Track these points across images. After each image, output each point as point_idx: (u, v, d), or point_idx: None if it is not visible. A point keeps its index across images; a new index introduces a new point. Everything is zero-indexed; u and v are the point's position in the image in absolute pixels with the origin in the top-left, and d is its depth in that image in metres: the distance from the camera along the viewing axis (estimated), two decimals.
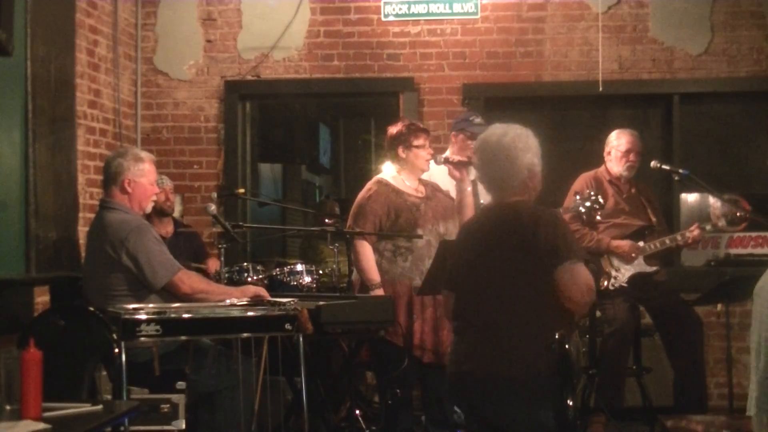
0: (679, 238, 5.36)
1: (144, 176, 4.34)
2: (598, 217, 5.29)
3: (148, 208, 4.45)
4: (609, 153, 5.54)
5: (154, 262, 4.14)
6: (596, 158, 5.90)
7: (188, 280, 4.20)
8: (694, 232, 5.33)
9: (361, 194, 4.96)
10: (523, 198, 3.33)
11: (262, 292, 4.26)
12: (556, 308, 3.21)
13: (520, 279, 3.19)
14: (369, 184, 4.98)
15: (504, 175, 3.31)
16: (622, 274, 5.31)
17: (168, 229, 5.74)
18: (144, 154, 4.44)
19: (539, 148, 3.39)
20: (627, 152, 5.46)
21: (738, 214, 5.32)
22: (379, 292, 4.75)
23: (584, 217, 5.27)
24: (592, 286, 3.24)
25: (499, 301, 3.22)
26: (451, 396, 3.41)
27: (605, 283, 5.28)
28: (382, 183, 4.95)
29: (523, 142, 3.34)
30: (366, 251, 4.81)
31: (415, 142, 4.91)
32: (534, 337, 3.18)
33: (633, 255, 5.29)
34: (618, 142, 5.50)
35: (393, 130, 4.98)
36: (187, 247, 5.74)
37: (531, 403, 3.19)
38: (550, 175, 6.55)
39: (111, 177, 4.33)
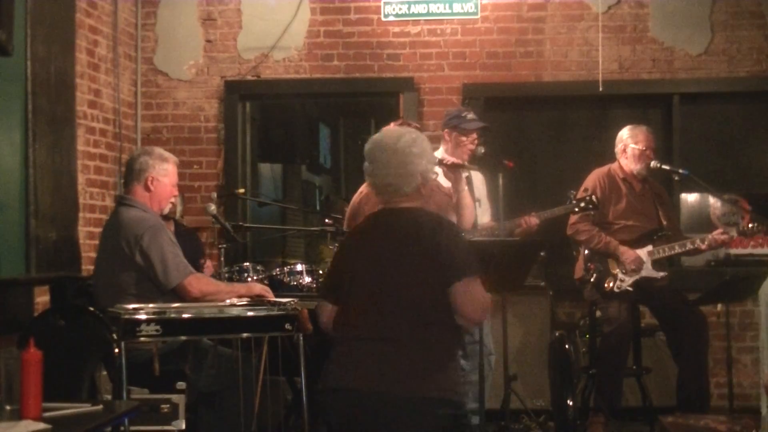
0: (689, 245, 5.33)
1: (167, 176, 4.37)
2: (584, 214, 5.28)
3: (166, 209, 4.47)
4: (624, 150, 5.47)
5: (167, 262, 4.14)
6: (596, 158, 5.90)
7: (197, 284, 4.19)
8: (715, 236, 5.29)
9: (354, 197, 4.97)
10: (416, 204, 3.18)
11: (268, 291, 4.28)
12: (452, 324, 3.05)
13: (415, 289, 3.02)
14: (361, 187, 4.99)
15: (399, 181, 3.16)
16: (628, 277, 5.29)
17: (170, 229, 5.74)
18: (168, 155, 4.45)
19: (432, 153, 3.27)
20: (645, 149, 5.42)
21: (750, 225, 5.28)
22: None
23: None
24: (488, 304, 3.08)
25: (391, 312, 3.03)
26: (330, 413, 3.15)
27: (610, 284, 5.27)
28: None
29: (418, 147, 3.18)
30: None
31: None
32: (427, 354, 2.99)
33: (633, 267, 5.28)
34: (635, 139, 5.44)
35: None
36: (188, 248, 5.73)
37: (412, 429, 2.96)
38: (550, 175, 6.65)
39: (135, 174, 4.34)
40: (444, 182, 4.96)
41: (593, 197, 5.18)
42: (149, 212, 4.30)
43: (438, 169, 4.92)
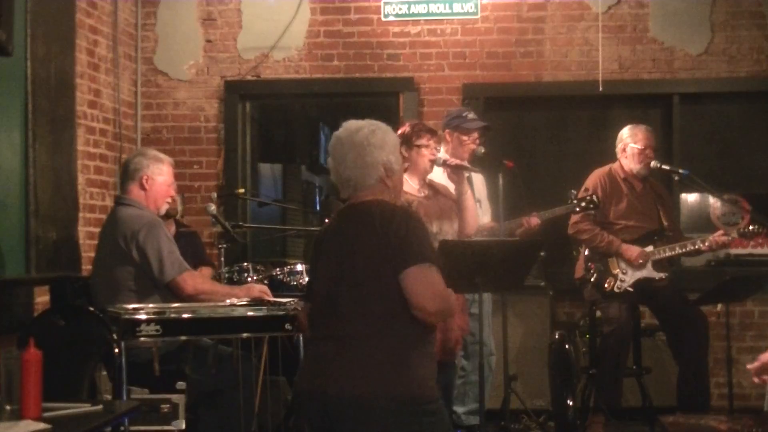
0: (689, 246, 5.32)
1: (162, 175, 4.43)
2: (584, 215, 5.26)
3: (163, 209, 4.50)
4: (624, 150, 5.46)
5: (163, 258, 4.17)
6: (596, 158, 5.90)
7: (192, 281, 4.21)
8: (716, 237, 5.29)
9: None
10: (380, 197, 3.09)
11: (267, 291, 4.29)
12: (411, 319, 2.93)
13: (371, 283, 2.94)
14: None
15: (357, 174, 3.07)
16: (629, 277, 5.29)
17: (170, 229, 5.75)
18: (163, 156, 4.52)
19: (397, 145, 3.17)
20: (644, 148, 5.42)
21: (750, 227, 5.28)
22: None
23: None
24: (444, 295, 2.96)
25: (348, 308, 2.96)
26: (302, 415, 3.09)
27: (611, 284, 5.27)
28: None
29: (377, 138, 3.08)
30: None
31: (417, 142, 4.87)
32: (385, 352, 2.91)
33: (640, 262, 5.27)
34: (634, 139, 5.43)
35: (399, 131, 4.97)
36: (188, 248, 5.74)
37: (377, 429, 2.88)
38: (550, 175, 6.65)
39: (130, 174, 4.40)
40: (448, 184, 4.95)
41: (594, 196, 5.18)
42: (146, 210, 4.33)
43: (442, 171, 4.93)
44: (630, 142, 5.44)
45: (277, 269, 5.45)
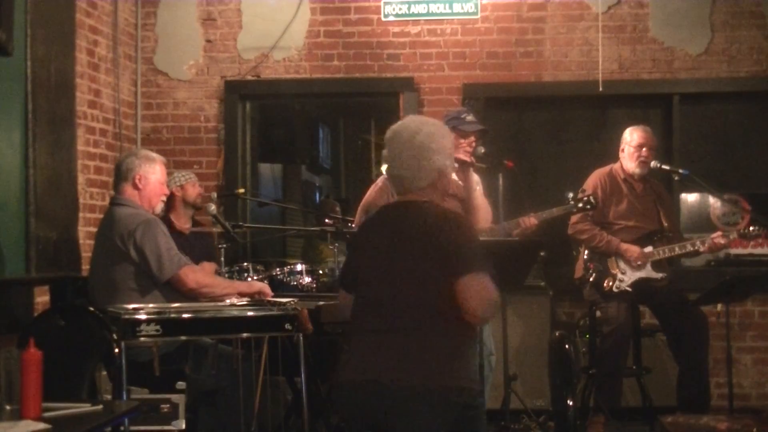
0: (689, 246, 5.33)
1: (155, 174, 4.44)
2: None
3: (158, 208, 4.51)
4: (623, 150, 5.48)
5: (162, 254, 4.18)
6: (596, 158, 5.90)
7: (193, 275, 4.23)
8: (715, 239, 5.30)
9: (370, 189, 4.95)
10: (429, 198, 3.17)
11: (267, 288, 4.31)
12: (459, 317, 3.02)
13: (422, 282, 3.02)
14: (378, 180, 4.96)
15: (412, 174, 3.15)
16: (627, 277, 5.29)
17: (187, 225, 5.78)
18: (155, 155, 4.53)
19: (453, 149, 3.24)
20: (639, 147, 5.42)
21: (750, 228, 5.29)
22: None
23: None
24: (494, 302, 3.05)
25: (400, 304, 3.04)
26: (346, 405, 3.14)
27: (610, 283, 5.27)
28: (387, 179, 4.92)
29: (436, 143, 3.15)
30: None
31: None
32: (440, 345, 3.00)
33: (639, 263, 5.28)
34: (630, 138, 5.46)
35: None
36: (201, 247, 5.75)
37: (427, 418, 2.95)
38: (550, 175, 6.65)
39: (123, 174, 4.41)
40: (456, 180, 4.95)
41: (592, 197, 5.18)
42: (141, 209, 4.34)
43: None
44: (628, 142, 5.47)
45: (277, 269, 5.45)
